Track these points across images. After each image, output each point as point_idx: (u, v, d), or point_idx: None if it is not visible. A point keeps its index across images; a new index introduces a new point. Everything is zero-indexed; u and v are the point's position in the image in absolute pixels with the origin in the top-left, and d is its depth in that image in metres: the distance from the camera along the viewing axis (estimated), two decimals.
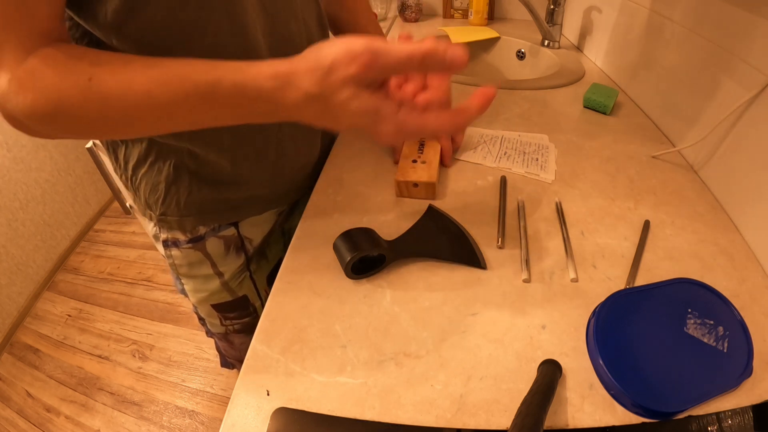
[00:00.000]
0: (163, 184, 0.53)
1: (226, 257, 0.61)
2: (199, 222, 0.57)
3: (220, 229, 0.59)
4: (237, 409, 0.35)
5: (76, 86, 0.35)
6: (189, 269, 0.61)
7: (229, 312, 0.68)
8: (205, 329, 0.75)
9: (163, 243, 0.59)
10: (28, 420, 1.36)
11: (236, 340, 0.74)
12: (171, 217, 0.56)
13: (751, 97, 0.48)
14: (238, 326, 0.71)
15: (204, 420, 1.33)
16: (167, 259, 0.61)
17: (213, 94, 0.35)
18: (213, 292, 0.64)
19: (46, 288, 1.86)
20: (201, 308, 0.68)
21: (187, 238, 0.58)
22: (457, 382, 0.36)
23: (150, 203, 0.56)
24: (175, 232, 0.58)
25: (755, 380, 0.35)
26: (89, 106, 0.35)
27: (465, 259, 0.47)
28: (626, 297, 0.40)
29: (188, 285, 0.65)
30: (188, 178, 0.53)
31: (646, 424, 0.33)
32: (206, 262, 0.61)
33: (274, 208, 0.63)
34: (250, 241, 0.62)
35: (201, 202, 0.55)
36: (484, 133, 0.70)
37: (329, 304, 0.43)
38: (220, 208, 0.57)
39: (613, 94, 0.76)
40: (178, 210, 0.55)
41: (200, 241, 0.58)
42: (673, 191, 0.56)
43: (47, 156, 1.90)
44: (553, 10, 1.02)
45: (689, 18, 0.62)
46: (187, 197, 0.54)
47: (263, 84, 0.34)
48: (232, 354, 0.79)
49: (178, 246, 0.59)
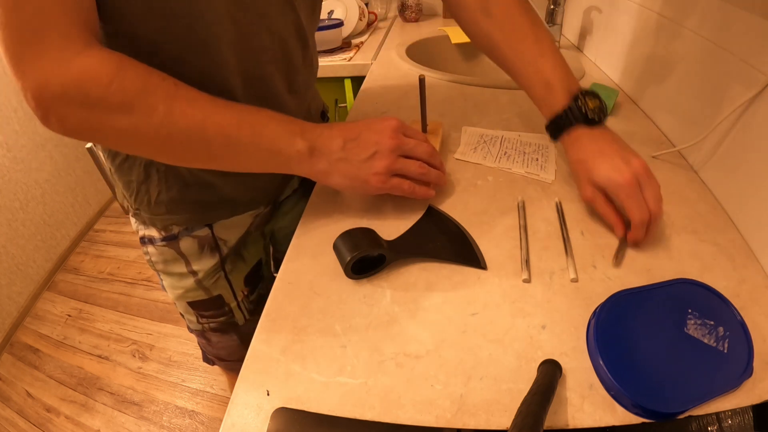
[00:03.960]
0: (134, 183, 0.54)
1: (200, 256, 0.61)
2: (171, 221, 0.57)
3: (194, 228, 0.59)
4: (237, 409, 0.35)
5: (164, 83, 0.38)
6: (164, 266, 0.62)
7: (204, 310, 0.68)
8: (186, 325, 0.75)
9: (141, 239, 0.60)
10: (28, 420, 1.36)
11: (213, 338, 0.74)
12: (144, 214, 0.57)
13: (751, 97, 0.48)
14: (213, 325, 0.71)
15: (204, 420, 1.33)
16: (144, 255, 0.62)
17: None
18: (188, 290, 0.64)
19: (46, 288, 1.86)
20: (178, 304, 0.68)
21: (161, 236, 0.58)
22: (457, 382, 0.36)
23: (127, 197, 0.57)
24: (149, 229, 0.58)
25: (755, 380, 0.35)
26: (173, 104, 0.38)
27: (465, 259, 0.47)
28: (626, 297, 0.40)
29: (165, 281, 0.65)
30: (158, 178, 0.53)
31: (646, 424, 0.33)
32: (180, 261, 0.61)
33: (246, 212, 0.62)
34: (224, 242, 0.62)
35: (170, 202, 0.55)
36: (484, 133, 0.70)
37: (329, 304, 0.43)
38: (190, 209, 0.57)
39: (613, 94, 0.76)
40: (149, 208, 0.56)
41: (174, 240, 0.59)
42: (673, 191, 0.56)
43: (47, 156, 1.90)
44: (553, 10, 1.02)
45: (689, 18, 0.62)
46: (157, 197, 0.54)
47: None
48: (211, 351, 0.80)
49: (153, 243, 0.59)
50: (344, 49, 1.20)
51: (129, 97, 0.36)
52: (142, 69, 0.38)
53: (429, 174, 0.50)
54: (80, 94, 0.35)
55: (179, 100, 0.39)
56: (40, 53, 0.34)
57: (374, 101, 0.85)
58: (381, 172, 0.46)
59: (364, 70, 1.07)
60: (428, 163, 0.50)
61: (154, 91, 0.37)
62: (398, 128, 0.48)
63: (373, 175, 0.46)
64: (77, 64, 0.35)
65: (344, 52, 1.18)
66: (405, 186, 0.48)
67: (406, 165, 0.48)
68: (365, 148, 0.46)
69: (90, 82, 0.35)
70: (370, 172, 0.46)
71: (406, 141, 0.48)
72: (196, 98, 0.40)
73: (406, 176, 0.49)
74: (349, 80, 1.13)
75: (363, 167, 0.46)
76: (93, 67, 0.35)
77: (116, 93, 0.36)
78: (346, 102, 1.14)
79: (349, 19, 1.25)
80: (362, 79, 0.98)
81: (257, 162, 0.45)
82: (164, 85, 0.38)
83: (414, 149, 0.49)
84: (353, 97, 1.09)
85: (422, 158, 0.49)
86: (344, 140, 0.46)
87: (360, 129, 0.47)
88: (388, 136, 0.47)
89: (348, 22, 1.25)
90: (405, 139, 0.48)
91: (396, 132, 0.47)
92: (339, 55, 1.16)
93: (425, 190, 0.51)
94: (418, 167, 0.49)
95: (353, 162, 0.46)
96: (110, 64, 0.36)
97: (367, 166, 0.46)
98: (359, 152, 0.46)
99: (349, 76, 1.13)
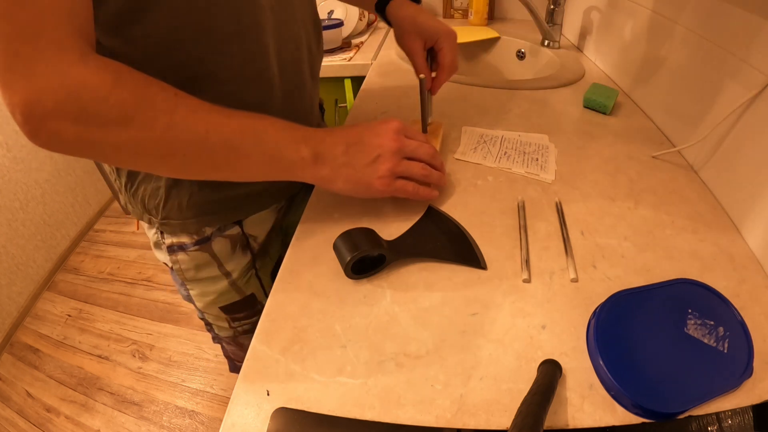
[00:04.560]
0: (163, 189, 0.53)
1: (232, 256, 0.61)
2: (204, 223, 0.57)
3: (225, 228, 0.58)
4: (237, 409, 0.35)
5: (163, 93, 0.37)
6: (196, 272, 0.61)
7: (238, 312, 0.68)
8: (212, 334, 0.74)
9: (168, 249, 0.59)
10: (28, 420, 1.36)
11: (246, 342, 0.73)
12: (174, 221, 0.56)
13: (751, 97, 0.48)
14: (247, 326, 0.71)
15: (204, 420, 1.33)
16: (173, 264, 0.60)
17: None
18: (221, 293, 0.64)
19: (46, 288, 1.86)
20: (209, 312, 0.67)
21: (193, 241, 0.58)
22: (457, 382, 0.36)
23: (149, 208, 0.55)
24: (180, 236, 0.57)
25: (755, 380, 0.35)
26: (175, 116, 0.37)
27: (465, 259, 0.47)
28: (626, 297, 0.40)
29: (194, 290, 0.64)
30: (189, 182, 0.53)
31: (646, 424, 0.33)
32: (213, 263, 0.61)
33: (273, 203, 0.63)
34: (254, 239, 0.62)
35: (203, 203, 0.55)
36: (484, 133, 0.70)
37: (329, 304, 0.43)
38: (222, 208, 0.57)
39: (613, 94, 0.76)
40: (181, 213, 0.55)
41: (207, 242, 0.58)
42: (673, 191, 0.56)
43: (47, 156, 1.90)
44: (553, 10, 1.02)
45: (689, 18, 0.62)
46: (188, 200, 0.54)
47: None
48: (242, 357, 0.78)
49: (185, 249, 0.58)
50: (344, 49, 1.20)
51: (128, 110, 0.35)
52: (141, 79, 0.36)
53: (431, 175, 0.50)
54: (76, 108, 0.33)
55: (180, 111, 0.37)
56: (31, 64, 0.32)
57: (374, 101, 0.85)
58: (385, 175, 0.46)
59: (364, 70, 1.07)
60: (430, 164, 0.50)
61: (154, 102, 0.36)
62: (400, 130, 0.48)
63: (377, 179, 0.46)
64: (72, 75, 0.33)
65: (344, 52, 1.18)
66: (409, 188, 0.48)
67: (409, 167, 0.48)
68: (368, 152, 0.46)
69: (86, 95, 0.33)
70: (374, 176, 0.46)
71: (408, 143, 0.48)
72: (197, 108, 0.39)
73: (409, 178, 0.49)
74: (349, 80, 1.13)
75: (367, 171, 0.46)
76: (89, 79, 0.33)
77: (114, 106, 0.34)
78: (346, 102, 1.14)
79: (349, 19, 1.25)
80: (362, 79, 0.98)
81: (261, 169, 0.45)
82: (164, 95, 0.37)
83: (416, 151, 0.49)
84: (353, 97, 1.09)
85: (424, 159, 0.49)
86: (347, 145, 0.46)
87: (361, 132, 0.47)
88: (390, 138, 0.47)
89: (348, 22, 1.25)
90: (407, 141, 0.48)
91: (398, 134, 0.47)
92: (339, 55, 1.16)
93: (428, 191, 0.51)
94: (420, 169, 0.49)
95: (357, 166, 0.46)
96: (107, 75, 0.34)
97: (371, 170, 0.46)
98: (362, 156, 0.46)
99: (349, 76, 1.13)
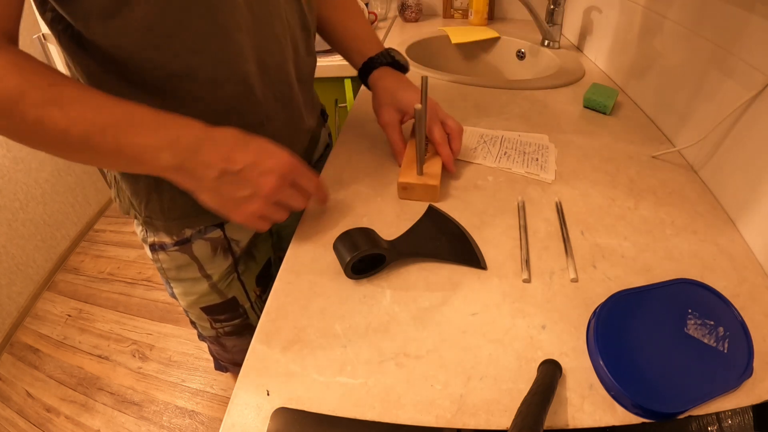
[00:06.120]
0: (144, 191, 0.53)
1: (213, 259, 0.61)
2: (185, 225, 0.56)
3: (207, 231, 0.58)
4: (237, 409, 0.35)
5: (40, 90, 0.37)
6: (177, 272, 0.61)
7: (219, 314, 0.68)
8: (197, 332, 0.75)
9: (150, 247, 0.59)
10: (28, 420, 1.36)
11: (228, 342, 0.73)
12: (156, 221, 0.56)
13: (751, 97, 0.48)
14: (228, 328, 0.70)
15: (204, 420, 1.33)
16: (155, 263, 0.61)
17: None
18: (202, 295, 0.64)
19: (46, 288, 1.86)
20: (191, 311, 0.68)
21: (173, 241, 0.57)
22: (457, 382, 0.36)
23: (134, 205, 0.56)
24: (161, 235, 0.58)
25: (755, 380, 0.35)
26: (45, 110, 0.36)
27: (465, 259, 0.47)
28: (626, 297, 0.40)
29: (177, 288, 0.64)
30: (169, 184, 0.52)
31: (646, 424, 0.33)
32: (193, 265, 0.60)
33: None
34: (237, 243, 0.62)
35: (183, 206, 0.54)
36: (484, 134, 0.70)
37: (329, 304, 0.43)
38: (203, 211, 0.55)
39: (613, 94, 0.76)
40: (163, 215, 0.55)
41: (186, 244, 0.58)
42: (673, 191, 0.56)
43: (47, 156, 1.89)
44: (553, 10, 1.02)
45: (689, 18, 0.62)
46: (169, 202, 0.54)
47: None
48: (225, 357, 0.79)
49: (165, 249, 0.58)
50: None
51: (5, 101, 0.36)
52: (27, 72, 0.37)
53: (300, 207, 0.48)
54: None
55: (53, 106, 0.37)
56: None
57: None
58: (248, 213, 0.44)
59: None
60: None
61: (26, 97, 0.36)
62: (287, 174, 0.44)
63: (239, 212, 0.44)
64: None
65: None
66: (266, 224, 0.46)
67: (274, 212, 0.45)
68: (241, 187, 0.42)
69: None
70: (236, 210, 0.44)
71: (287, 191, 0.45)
72: (73, 100, 0.38)
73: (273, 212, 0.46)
74: (349, 80, 1.13)
75: (231, 204, 0.43)
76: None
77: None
78: (346, 102, 1.14)
79: None
80: None
81: (127, 167, 0.44)
82: (40, 92, 0.37)
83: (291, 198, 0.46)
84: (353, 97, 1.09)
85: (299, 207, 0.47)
86: (221, 172, 0.41)
87: (245, 161, 0.42)
88: (271, 181, 0.43)
89: None
90: (287, 191, 0.45)
91: (283, 178, 0.44)
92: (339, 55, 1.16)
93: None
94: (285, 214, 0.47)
95: (224, 196, 0.43)
96: (5, 66, 0.36)
97: (234, 204, 0.43)
98: (233, 189, 0.42)
99: (349, 76, 1.12)
